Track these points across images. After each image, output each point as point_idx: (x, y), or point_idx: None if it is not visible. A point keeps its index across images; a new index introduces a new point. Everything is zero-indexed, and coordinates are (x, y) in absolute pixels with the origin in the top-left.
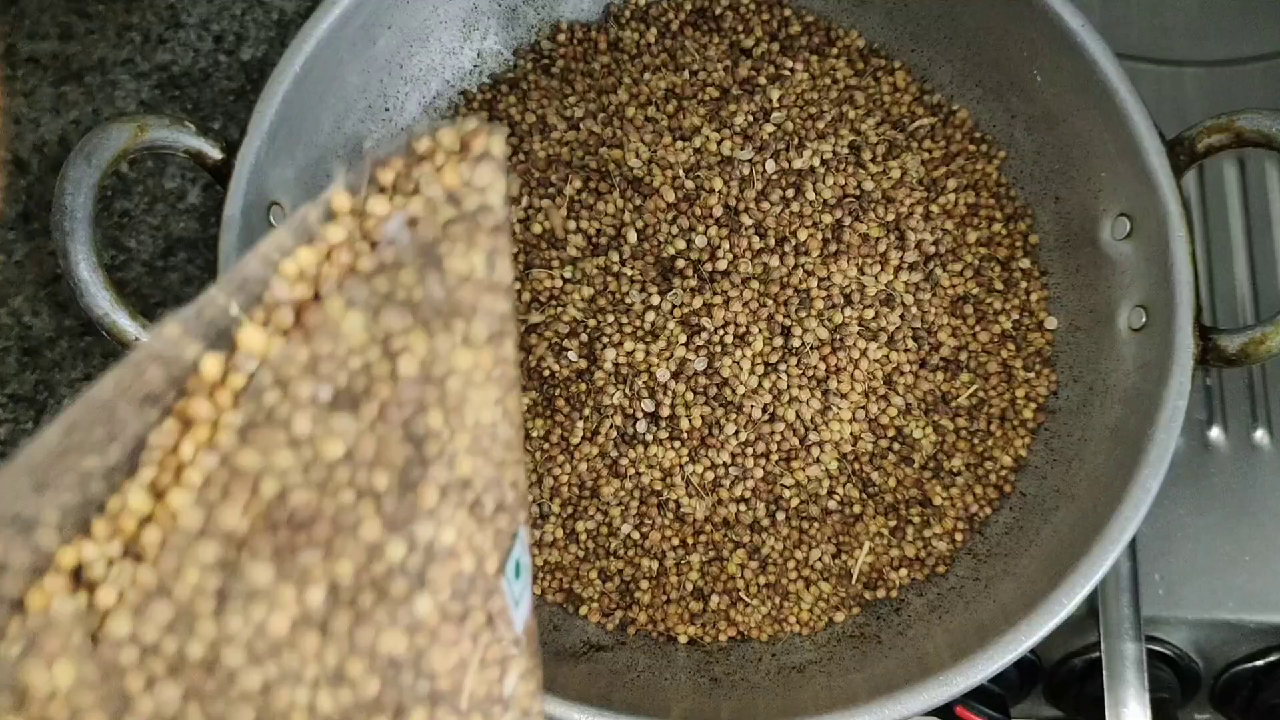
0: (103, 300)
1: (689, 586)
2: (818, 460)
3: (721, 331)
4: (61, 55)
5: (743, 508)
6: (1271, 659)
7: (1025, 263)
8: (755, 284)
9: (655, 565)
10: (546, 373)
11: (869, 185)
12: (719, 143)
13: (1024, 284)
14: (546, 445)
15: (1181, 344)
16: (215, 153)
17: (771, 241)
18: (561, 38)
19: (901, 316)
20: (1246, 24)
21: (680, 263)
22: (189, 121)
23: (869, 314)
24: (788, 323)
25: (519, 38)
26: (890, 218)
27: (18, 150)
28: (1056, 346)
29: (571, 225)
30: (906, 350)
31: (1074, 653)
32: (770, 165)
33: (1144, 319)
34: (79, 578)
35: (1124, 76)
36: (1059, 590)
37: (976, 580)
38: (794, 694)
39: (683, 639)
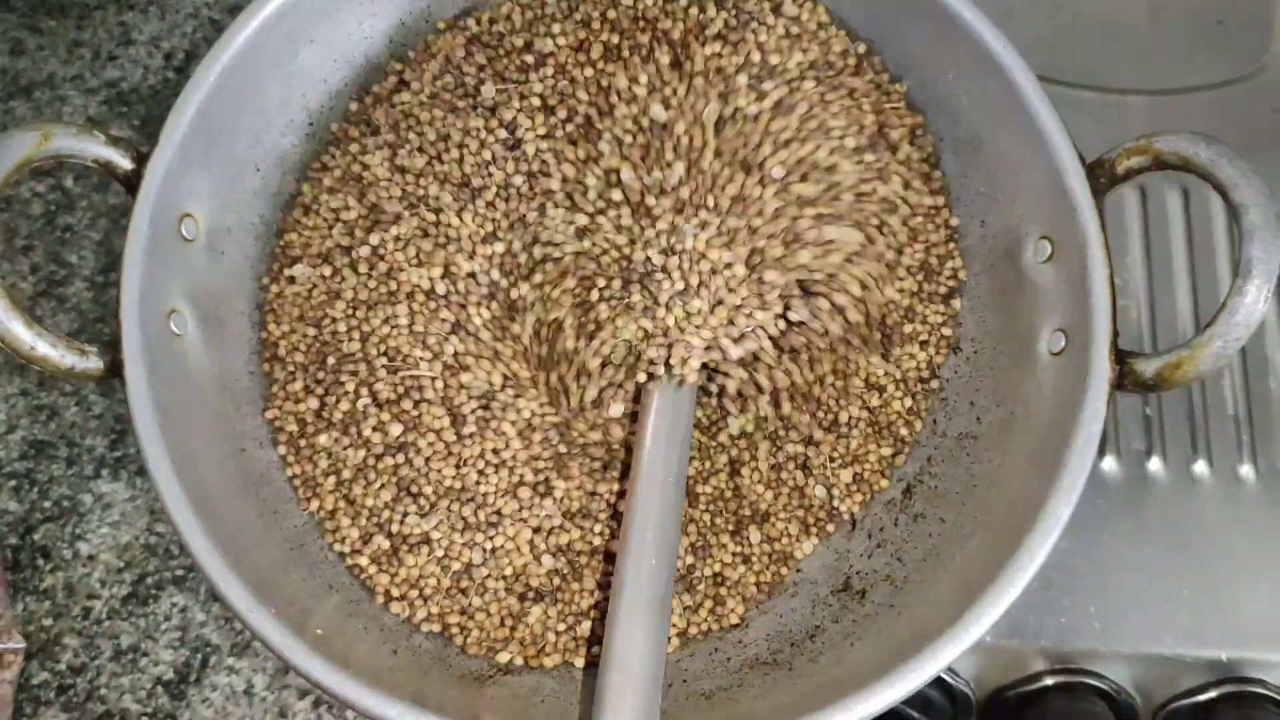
0: None
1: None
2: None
3: None
4: (11, 70)
5: None
6: (1211, 695)
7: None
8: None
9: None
10: None
11: None
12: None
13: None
14: None
15: (1097, 368)
16: (125, 162)
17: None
18: None
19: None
20: (1192, 54)
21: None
22: (97, 130)
23: None
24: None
25: None
26: None
27: None
28: (980, 371)
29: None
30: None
31: (1008, 685)
32: None
33: (1063, 343)
34: None
35: (1044, 98)
36: (966, 618)
37: (891, 607)
38: None
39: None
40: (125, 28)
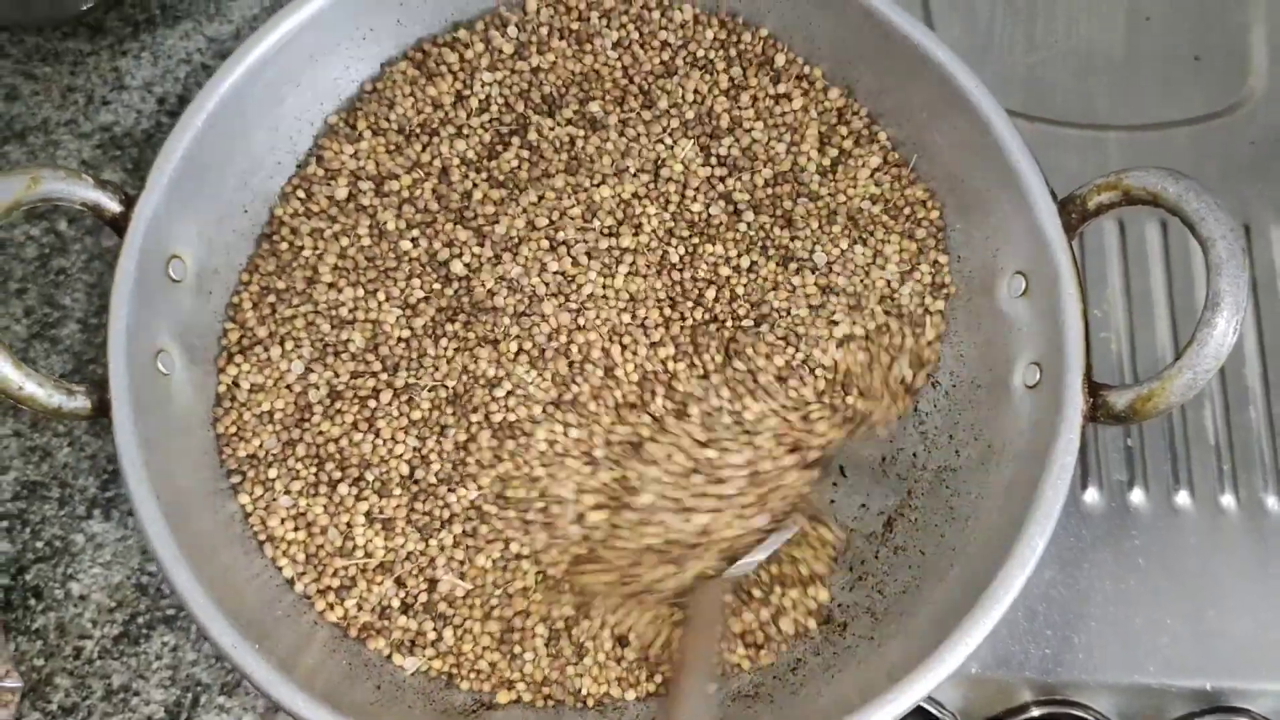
0: None
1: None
2: None
3: None
4: (6, 115)
5: None
6: None
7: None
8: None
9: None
10: None
11: None
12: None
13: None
14: None
15: (1071, 401)
16: (114, 205)
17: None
18: None
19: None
20: (1170, 89)
21: None
22: (86, 174)
23: None
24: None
25: None
26: None
27: None
28: (958, 404)
29: None
30: None
31: (994, 717)
32: None
33: (1038, 376)
34: None
35: (1016, 135)
36: (942, 650)
37: (871, 639)
38: None
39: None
40: (118, 73)
